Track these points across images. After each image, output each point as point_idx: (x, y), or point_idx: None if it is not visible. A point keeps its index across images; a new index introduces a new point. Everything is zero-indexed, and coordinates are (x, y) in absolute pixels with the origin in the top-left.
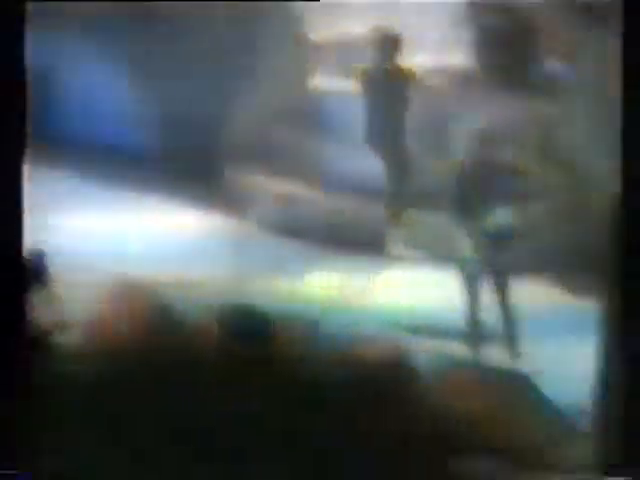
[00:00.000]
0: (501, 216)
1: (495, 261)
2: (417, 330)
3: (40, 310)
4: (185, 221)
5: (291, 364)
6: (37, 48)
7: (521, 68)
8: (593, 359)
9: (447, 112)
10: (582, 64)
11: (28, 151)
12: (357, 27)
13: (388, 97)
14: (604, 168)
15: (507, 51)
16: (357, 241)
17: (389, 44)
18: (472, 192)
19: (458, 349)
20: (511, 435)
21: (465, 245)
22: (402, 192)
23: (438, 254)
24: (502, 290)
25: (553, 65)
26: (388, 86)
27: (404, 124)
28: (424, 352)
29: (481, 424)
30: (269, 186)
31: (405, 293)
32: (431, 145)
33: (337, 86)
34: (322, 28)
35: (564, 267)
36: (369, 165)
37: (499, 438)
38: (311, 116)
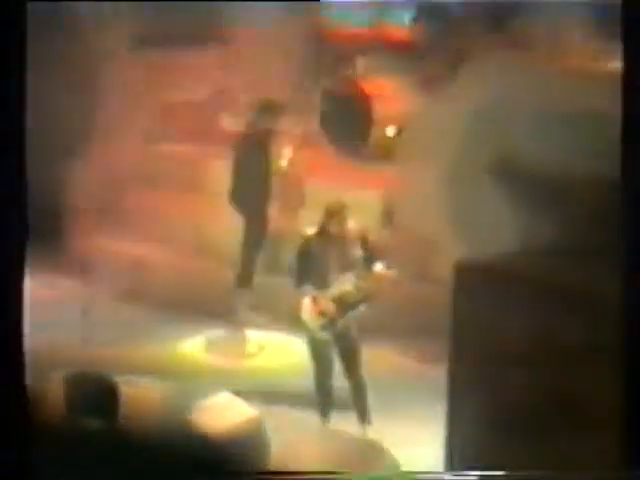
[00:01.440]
0: (346, 282)
1: (342, 327)
2: (266, 396)
3: None
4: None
5: (137, 437)
6: None
7: (363, 134)
8: (443, 425)
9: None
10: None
11: None
12: (202, 89)
13: (252, 159)
14: (448, 232)
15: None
16: (206, 305)
17: (267, 109)
18: (318, 259)
19: (308, 416)
20: None
21: (312, 311)
22: (254, 256)
23: (287, 320)
24: (350, 357)
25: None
26: (254, 148)
27: (266, 187)
28: (273, 418)
29: None
30: (116, 249)
31: (253, 360)
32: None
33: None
34: (169, 90)
35: (410, 332)
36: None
37: None
38: (161, 177)
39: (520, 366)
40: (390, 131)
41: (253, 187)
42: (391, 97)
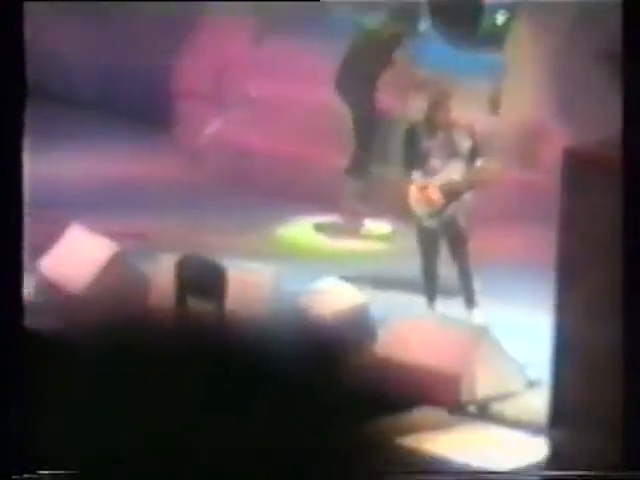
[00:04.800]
0: (453, 171)
1: (449, 215)
2: (374, 281)
3: None
4: (139, 170)
5: (245, 319)
6: None
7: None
8: (550, 313)
9: None
10: None
11: None
12: None
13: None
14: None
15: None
16: (314, 192)
17: None
18: (424, 147)
19: (415, 301)
20: (469, 388)
21: (420, 199)
22: (366, 144)
23: (394, 208)
24: (459, 243)
25: None
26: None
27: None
28: (381, 303)
29: (438, 375)
30: (225, 136)
31: (362, 246)
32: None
33: None
34: None
35: (518, 220)
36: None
37: (454, 389)
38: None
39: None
40: (500, 19)
41: (361, 72)
42: None
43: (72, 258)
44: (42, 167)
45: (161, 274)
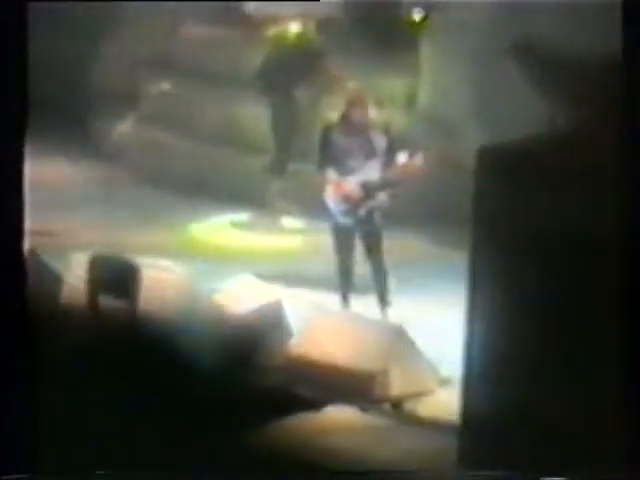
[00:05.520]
0: (370, 170)
1: (365, 213)
2: (289, 279)
3: None
4: (51, 166)
5: (159, 317)
6: None
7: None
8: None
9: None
10: None
11: None
12: None
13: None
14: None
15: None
16: (231, 190)
17: None
18: (342, 147)
19: (330, 299)
20: (383, 386)
21: (336, 197)
22: (285, 143)
23: (311, 205)
24: (373, 241)
25: None
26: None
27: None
28: (295, 301)
29: (352, 373)
30: (140, 134)
31: (277, 243)
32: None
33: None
34: None
35: (434, 219)
36: (250, 112)
37: (368, 387)
38: (180, 62)
39: (537, 254)
40: (417, 16)
41: (280, 73)
42: None
43: None
44: None
45: (73, 272)
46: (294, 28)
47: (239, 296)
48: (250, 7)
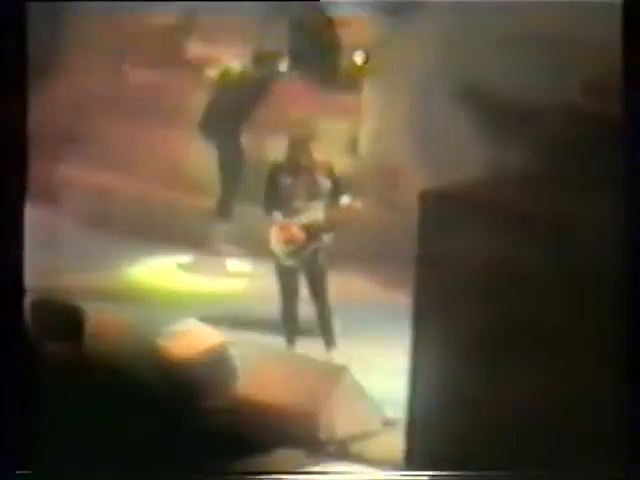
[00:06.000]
0: (313, 211)
1: (309, 255)
2: (234, 322)
3: None
4: None
5: (104, 361)
6: None
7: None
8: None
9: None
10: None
11: None
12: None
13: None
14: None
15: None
16: (176, 233)
17: None
18: (286, 188)
19: (275, 341)
20: (328, 427)
21: (280, 239)
22: (231, 185)
23: (255, 247)
24: (318, 282)
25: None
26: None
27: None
28: (241, 344)
29: (296, 415)
30: (83, 177)
31: (222, 286)
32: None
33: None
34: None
35: (378, 260)
36: (195, 154)
37: (313, 429)
38: (130, 104)
39: (482, 294)
40: (358, 59)
41: (225, 115)
42: (359, 25)
43: None
44: None
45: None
46: (235, 69)
47: (184, 339)
48: (189, 51)
